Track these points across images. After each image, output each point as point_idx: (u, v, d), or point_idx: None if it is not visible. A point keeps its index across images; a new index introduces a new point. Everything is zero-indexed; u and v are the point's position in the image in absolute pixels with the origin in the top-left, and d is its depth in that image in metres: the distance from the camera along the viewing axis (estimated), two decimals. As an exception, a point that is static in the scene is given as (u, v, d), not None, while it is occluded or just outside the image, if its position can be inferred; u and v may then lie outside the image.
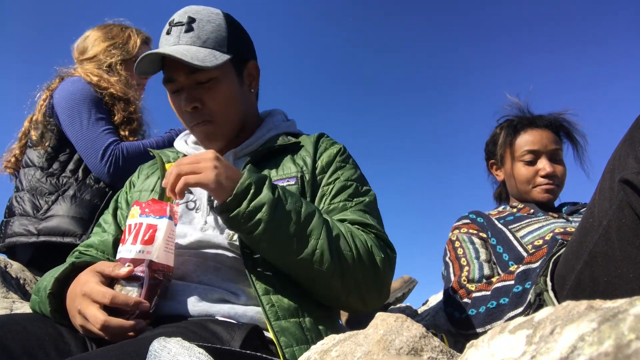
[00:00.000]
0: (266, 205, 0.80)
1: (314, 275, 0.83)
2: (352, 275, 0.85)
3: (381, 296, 0.92)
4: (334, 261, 0.82)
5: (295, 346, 0.78)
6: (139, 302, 0.74)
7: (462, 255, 1.40)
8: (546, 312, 0.38)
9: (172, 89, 1.01)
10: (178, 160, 0.87)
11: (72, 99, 1.61)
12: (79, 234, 1.54)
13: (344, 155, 1.05)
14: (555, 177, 1.48)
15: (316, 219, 0.84)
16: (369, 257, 0.87)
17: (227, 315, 0.82)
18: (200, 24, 0.97)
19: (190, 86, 0.98)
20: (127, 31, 1.80)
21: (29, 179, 1.65)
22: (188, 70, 0.96)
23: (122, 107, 1.67)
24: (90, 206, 1.60)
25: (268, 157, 1.02)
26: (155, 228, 0.81)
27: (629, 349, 0.26)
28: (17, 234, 1.56)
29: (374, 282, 0.88)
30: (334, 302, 0.90)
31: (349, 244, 0.86)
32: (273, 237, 0.81)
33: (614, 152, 0.82)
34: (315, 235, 0.82)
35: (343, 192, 0.97)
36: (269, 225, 0.80)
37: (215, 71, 0.97)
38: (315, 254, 0.82)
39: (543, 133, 1.51)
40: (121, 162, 1.58)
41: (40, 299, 0.83)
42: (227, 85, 1.00)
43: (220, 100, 0.99)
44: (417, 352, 0.51)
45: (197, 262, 0.89)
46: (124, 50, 1.76)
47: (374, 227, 0.94)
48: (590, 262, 0.85)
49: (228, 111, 1.02)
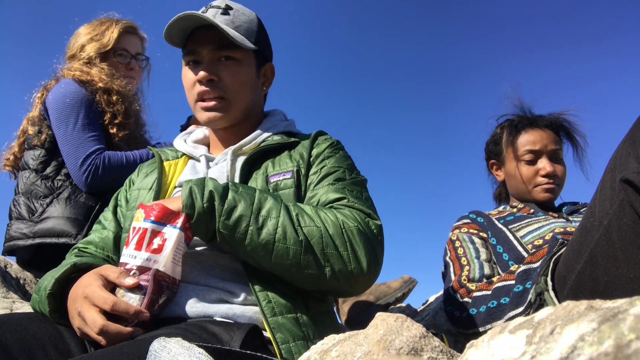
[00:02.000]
0: (215, 194, 0.82)
1: (283, 256, 0.81)
2: (323, 250, 0.82)
3: (369, 271, 0.85)
4: (298, 235, 0.82)
5: (291, 342, 0.78)
6: (139, 312, 0.73)
7: (462, 255, 1.40)
8: (546, 312, 0.38)
9: (192, 59, 1.03)
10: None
11: (62, 102, 1.60)
12: (74, 234, 1.53)
13: (335, 147, 1.07)
14: (555, 176, 1.49)
15: (272, 199, 0.85)
16: (339, 230, 0.84)
17: (226, 315, 0.81)
18: (236, 13, 1.04)
19: (211, 60, 1.02)
20: (107, 23, 1.76)
21: (24, 182, 1.64)
22: (215, 46, 1.01)
23: (106, 100, 1.63)
24: (85, 207, 1.59)
25: (266, 155, 1.03)
26: (163, 236, 0.79)
27: (629, 349, 0.26)
28: (13, 237, 1.56)
29: (354, 256, 0.83)
30: (317, 283, 0.85)
31: (313, 218, 0.85)
32: (230, 225, 0.81)
33: (615, 152, 0.82)
34: (274, 215, 0.83)
35: (327, 177, 0.98)
36: (223, 213, 0.81)
37: (240, 53, 1.03)
38: (277, 233, 0.81)
39: (543, 133, 1.51)
40: (100, 171, 1.55)
41: (40, 299, 0.83)
42: (245, 70, 1.05)
43: (237, 79, 1.03)
44: (417, 352, 0.51)
45: (193, 262, 0.89)
46: (99, 43, 1.72)
47: (349, 200, 0.92)
48: (590, 261, 0.85)
49: (241, 93, 1.05)
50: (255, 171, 0.99)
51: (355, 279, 0.85)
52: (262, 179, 0.97)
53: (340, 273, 0.83)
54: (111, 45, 1.73)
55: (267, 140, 1.06)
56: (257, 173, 0.99)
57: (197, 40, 1.02)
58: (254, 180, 0.97)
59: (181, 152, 1.12)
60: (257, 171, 0.99)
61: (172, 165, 1.08)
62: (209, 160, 1.07)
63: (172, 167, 1.07)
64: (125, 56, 1.78)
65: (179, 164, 1.09)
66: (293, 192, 0.95)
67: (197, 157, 1.08)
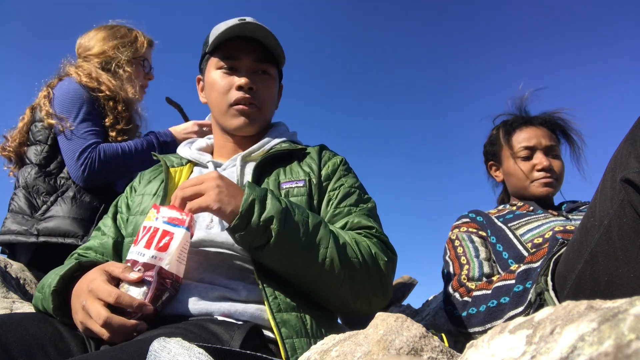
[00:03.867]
0: (275, 217, 0.82)
1: (324, 283, 0.86)
2: (359, 280, 0.88)
3: (385, 297, 0.94)
4: (343, 268, 0.85)
5: (295, 338, 0.79)
6: (143, 304, 0.74)
7: (462, 254, 1.40)
8: (546, 312, 0.38)
9: (231, 65, 1.09)
10: (182, 183, 0.88)
11: (65, 98, 1.62)
12: (80, 234, 1.53)
13: (346, 165, 1.12)
14: (552, 171, 1.49)
15: (323, 228, 0.87)
16: (374, 262, 0.90)
17: (227, 312, 0.82)
18: (269, 34, 1.09)
19: (251, 69, 1.09)
20: (134, 32, 1.85)
21: (25, 176, 1.64)
22: (256, 57, 1.09)
23: (110, 107, 1.67)
24: (91, 208, 1.59)
25: (275, 162, 1.06)
26: (171, 236, 0.81)
27: (629, 349, 0.26)
28: (13, 232, 1.55)
29: (380, 285, 0.91)
30: (342, 307, 0.92)
31: (355, 251, 0.89)
32: (285, 249, 0.83)
33: (616, 152, 0.82)
34: (324, 244, 0.85)
35: (348, 197, 1.02)
36: (281, 237, 0.82)
37: (273, 69, 1.13)
38: (325, 263, 0.84)
39: (538, 130, 1.54)
40: (97, 165, 1.56)
41: (44, 296, 0.84)
42: (274, 85, 1.15)
43: (269, 92, 1.12)
44: (417, 352, 0.51)
45: (198, 260, 0.90)
46: (133, 49, 1.80)
47: (377, 230, 0.98)
48: (591, 261, 0.84)
49: (269, 106, 1.14)
50: (266, 177, 1.02)
51: (375, 306, 0.93)
52: (274, 185, 1.00)
53: (365, 302, 0.91)
54: (141, 54, 1.83)
55: (275, 147, 1.10)
56: (268, 179, 1.02)
57: (239, 48, 1.08)
58: (264, 185, 1.00)
59: (186, 159, 1.14)
60: (268, 177, 1.02)
61: (177, 172, 1.09)
62: (217, 166, 1.09)
63: (178, 174, 1.09)
64: (146, 66, 1.88)
65: (184, 170, 1.10)
66: (305, 199, 0.99)
67: (204, 163, 1.10)
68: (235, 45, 1.08)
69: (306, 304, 0.87)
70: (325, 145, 1.18)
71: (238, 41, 1.08)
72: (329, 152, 1.14)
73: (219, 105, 1.10)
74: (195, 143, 1.21)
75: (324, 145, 1.17)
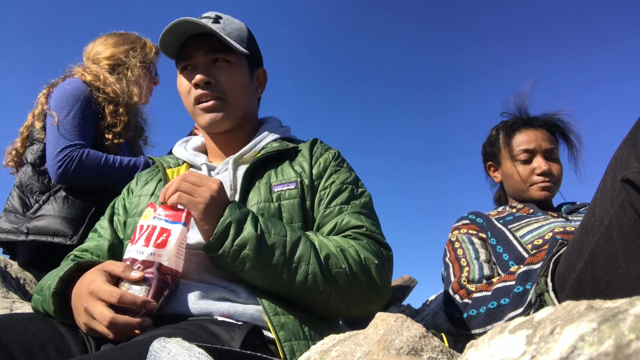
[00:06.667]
0: (249, 242, 0.82)
1: (312, 298, 0.85)
2: (348, 289, 0.87)
3: (381, 300, 0.93)
4: (328, 282, 0.85)
5: (293, 341, 0.79)
6: (146, 302, 0.75)
7: (462, 256, 1.40)
8: (546, 312, 0.38)
9: (187, 64, 1.05)
10: (187, 172, 0.88)
11: (62, 95, 1.62)
12: (69, 234, 1.52)
13: (338, 159, 1.09)
14: (551, 174, 1.49)
15: (302, 244, 0.86)
16: (362, 269, 0.88)
17: (227, 313, 0.82)
18: (227, 22, 1.07)
19: (206, 64, 1.05)
20: (143, 39, 1.91)
21: (21, 175, 1.64)
22: (208, 49, 1.04)
23: (110, 110, 1.68)
24: (82, 208, 1.58)
25: (266, 164, 1.04)
26: (169, 232, 0.81)
27: (629, 349, 0.26)
28: (4, 230, 1.55)
29: (373, 291, 0.90)
30: (337, 314, 0.92)
31: (340, 260, 0.87)
32: (263, 272, 0.83)
33: (616, 152, 0.82)
34: (305, 260, 0.84)
35: (339, 195, 1.00)
36: (256, 262, 0.82)
37: (233, 56, 1.06)
38: (308, 280, 0.84)
39: (538, 132, 1.53)
40: (73, 166, 1.54)
41: (44, 298, 0.83)
42: (239, 72, 1.08)
43: (232, 81, 1.06)
44: (417, 352, 0.51)
45: (198, 260, 0.90)
46: (143, 54, 1.85)
47: (367, 228, 0.95)
48: (591, 261, 0.84)
49: (237, 93, 1.07)
50: (258, 180, 1.01)
51: (372, 309, 0.91)
52: (265, 189, 0.98)
53: (360, 308, 0.90)
54: (149, 59, 1.88)
55: (266, 148, 1.07)
56: (260, 182, 1.00)
57: (192, 46, 1.05)
58: (256, 189, 0.99)
59: (182, 160, 1.13)
60: (260, 180, 1.01)
61: (174, 173, 1.09)
62: (210, 169, 1.08)
63: (175, 175, 1.09)
64: (152, 70, 1.92)
65: (180, 171, 1.10)
66: (297, 202, 0.97)
67: (198, 165, 1.09)
68: (188, 44, 1.06)
69: (303, 307, 0.87)
70: (316, 139, 1.15)
71: (190, 40, 1.05)
72: (320, 147, 1.11)
73: (187, 108, 1.08)
74: (190, 142, 1.20)
75: (315, 140, 1.14)
